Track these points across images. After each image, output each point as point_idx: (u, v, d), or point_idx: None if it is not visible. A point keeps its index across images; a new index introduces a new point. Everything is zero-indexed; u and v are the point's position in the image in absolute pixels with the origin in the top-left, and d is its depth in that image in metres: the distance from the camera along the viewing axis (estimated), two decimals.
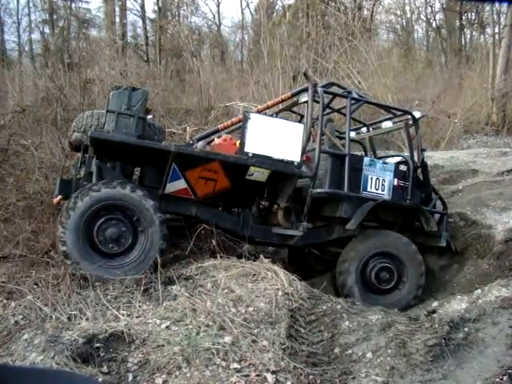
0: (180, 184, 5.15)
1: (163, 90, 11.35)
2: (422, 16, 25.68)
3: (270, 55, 13.48)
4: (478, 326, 3.82)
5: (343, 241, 5.87)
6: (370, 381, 3.35)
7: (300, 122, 6.38)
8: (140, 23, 21.99)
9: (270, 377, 3.18)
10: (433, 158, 8.81)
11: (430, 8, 25.21)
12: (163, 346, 3.33)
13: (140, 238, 4.84)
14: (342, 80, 12.60)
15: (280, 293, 4.10)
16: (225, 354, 3.28)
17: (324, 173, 5.65)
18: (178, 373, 3.12)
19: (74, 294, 4.27)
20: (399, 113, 6.83)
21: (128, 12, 20.57)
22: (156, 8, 21.15)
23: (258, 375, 3.17)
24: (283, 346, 3.55)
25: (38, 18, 21.92)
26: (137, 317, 3.78)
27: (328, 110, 6.99)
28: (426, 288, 5.92)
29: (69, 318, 3.86)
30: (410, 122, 6.42)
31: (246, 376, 3.15)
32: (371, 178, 5.79)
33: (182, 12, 21.36)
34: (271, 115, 6.22)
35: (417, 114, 6.55)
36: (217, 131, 6.52)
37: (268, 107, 6.59)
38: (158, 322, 3.63)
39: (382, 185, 5.86)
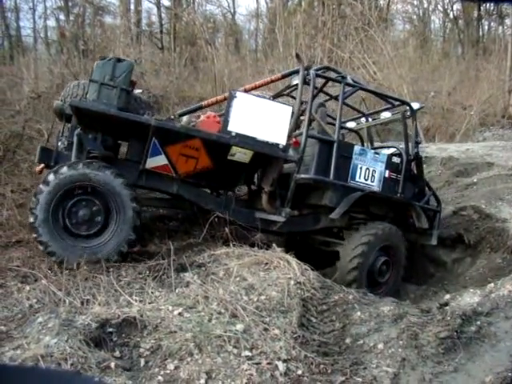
0: (161, 160, 5.05)
1: (177, 77, 11.35)
2: (439, 6, 25.32)
3: (285, 44, 13.40)
4: (490, 320, 3.80)
5: (331, 230, 5.81)
6: (381, 371, 3.35)
7: None
8: (155, 10, 21.96)
9: (281, 365, 3.20)
10: (448, 150, 8.75)
11: None
12: (175, 332, 3.36)
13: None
14: (358, 70, 12.52)
15: (292, 282, 4.10)
16: (236, 341, 3.31)
17: (311, 158, 5.50)
18: (189, 359, 3.14)
19: (88, 279, 4.30)
20: (397, 103, 6.64)
21: None
22: None
23: (269, 363, 3.19)
24: (295, 335, 3.57)
25: (53, 5, 22.00)
26: (149, 303, 3.81)
27: (326, 97, 6.88)
28: (438, 281, 5.90)
29: (82, 303, 3.89)
30: (408, 113, 6.25)
31: (257, 364, 3.17)
32: (361, 168, 5.63)
33: (196, 0, 21.28)
34: (268, 98, 6.03)
35: (415, 105, 6.38)
36: (200, 108, 6.36)
37: (256, 87, 6.36)
38: (170, 308, 3.65)
39: (372, 176, 5.71)
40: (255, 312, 3.67)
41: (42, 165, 5.42)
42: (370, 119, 7.19)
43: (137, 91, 5.71)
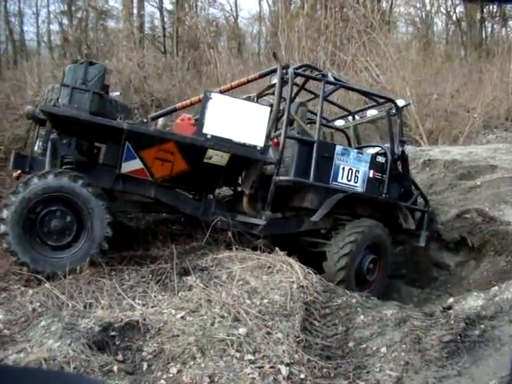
0: (136, 164, 4.92)
1: (180, 81, 11.37)
2: (441, 8, 25.28)
3: (288, 47, 13.41)
4: (494, 324, 3.78)
5: (319, 232, 5.69)
6: (384, 375, 3.34)
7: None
8: (157, 14, 22.02)
9: (283, 369, 3.19)
10: (451, 153, 8.72)
11: (450, 0, 24.86)
12: (178, 336, 3.36)
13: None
14: (360, 73, 12.51)
15: (295, 285, 4.10)
16: (239, 345, 3.30)
17: (291, 160, 5.38)
18: (192, 363, 3.14)
19: (90, 283, 4.31)
20: (382, 100, 6.53)
21: (145, 3, 20.64)
22: None
23: (271, 367, 3.19)
24: (297, 339, 3.56)
25: (56, 9, 22.09)
26: (152, 306, 3.82)
27: (310, 96, 6.79)
28: (441, 284, 5.88)
29: (85, 307, 3.90)
30: (393, 111, 6.14)
31: (259, 367, 3.16)
32: (343, 168, 5.50)
33: (199, 3, 21.34)
34: (252, 99, 5.94)
35: (400, 103, 6.30)
36: (175, 110, 6.26)
37: (232, 87, 6.26)
38: (173, 312, 3.66)
39: (356, 176, 5.57)
40: (258, 316, 3.67)
41: (19, 171, 5.35)
42: (357, 117, 7.10)
43: (114, 94, 5.64)
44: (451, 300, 4.70)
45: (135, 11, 19.55)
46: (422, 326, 3.79)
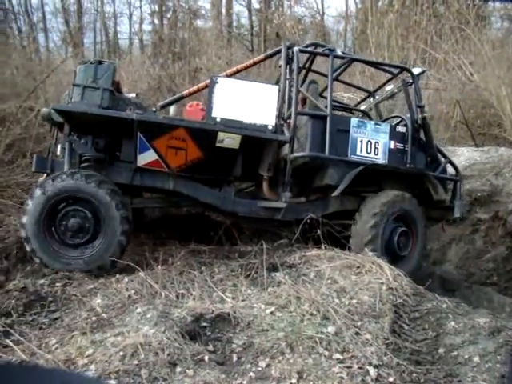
0: (150, 155, 4.93)
1: (267, 78, 11.45)
2: None
3: (376, 45, 13.14)
4: None
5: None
6: None
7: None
8: (245, 13, 22.34)
9: (372, 371, 3.15)
10: None
11: None
12: (267, 330, 3.41)
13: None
14: (452, 71, 12.05)
15: (384, 287, 4.04)
16: (328, 343, 3.30)
17: (305, 137, 5.26)
18: (281, 358, 3.17)
19: (182, 274, 4.46)
20: (397, 70, 6.28)
21: (234, 2, 21.00)
22: None
23: (360, 368, 3.15)
24: (386, 341, 3.51)
25: (148, 10, 23.04)
26: (242, 300, 3.89)
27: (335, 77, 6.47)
28: None
29: (177, 297, 4.01)
30: (409, 80, 5.87)
31: (348, 367, 3.14)
32: (361, 141, 5.34)
33: (285, 2, 21.39)
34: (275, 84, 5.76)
35: (415, 70, 6.03)
36: (182, 98, 6.19)
37: (238, 71, 6.15)
38: (262, 306, 3.71)
39: (376, 148, 5.38)
40: (347, 315, 3.65)
41: (45, 174, 5.45)
42: (377, 97, 6.89)
43: (131, 95, 5.70)
44: None
45: (223, 10, 19.95)
46: None
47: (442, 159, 5.92)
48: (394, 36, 12.99)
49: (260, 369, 3.11)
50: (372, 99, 6.99)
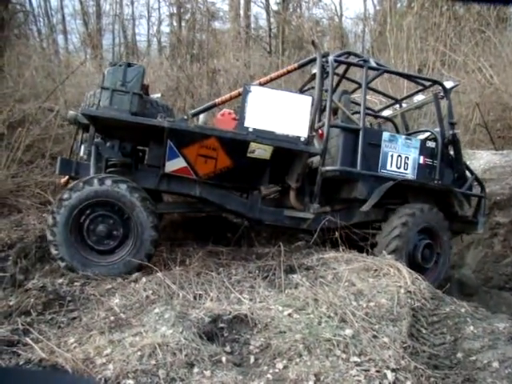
0: (179, 162, 4.86)
1: (286, 81, 11.46)
2: None
3: (395, 47, 13.06)
4: None
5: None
6: None
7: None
8: (263, 15, 22.36)
9: (389, 374, 3.13)
10: None
11: None
12: (285, 332, 3.40)
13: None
14: (472, 73, 11.93)
15: (402, 290, 4.01)
16: (345, 346, 3.28)
17: (337, 150, 5.21)
18: (298, 360, 3.16)
19: (199, 275, 4.47)
20: (428, 83, 6.19)
21: (252, 4, 21.04)
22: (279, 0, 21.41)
23: (377, 371, 3.14)
24: (404, 345, 3.48)
25: (166, 12, 23.20)
26: (259, 302, 3.89)
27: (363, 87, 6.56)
28: None
29: (194, 297, 4.03)
30: (441, 94, 5.82)
31: (365, 370, 3.12)
32: (391, 156, 5.32)
33: (303, 4, 21.37)
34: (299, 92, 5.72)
35: (448, 84, 5.95)
36: (214, 106, 6.11)
37: (272, 79, 6.07)
38: (280, 308, 3.71)
39: (405, 163, 5.36)
40: (364, 318, 3.64)
41: (67, 176, 5.47)
42: (404, 105, 6.83)
43: (155, 96, 5.65)
44: None
45: (242, 12, 19.99)
46: None
47: (469, 175, 5.93)
48: (413, 38, 12.90)
49: (277, 371, 3.11)
50: (398, 107, 6.94)
